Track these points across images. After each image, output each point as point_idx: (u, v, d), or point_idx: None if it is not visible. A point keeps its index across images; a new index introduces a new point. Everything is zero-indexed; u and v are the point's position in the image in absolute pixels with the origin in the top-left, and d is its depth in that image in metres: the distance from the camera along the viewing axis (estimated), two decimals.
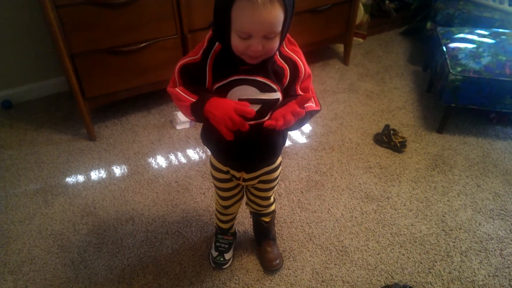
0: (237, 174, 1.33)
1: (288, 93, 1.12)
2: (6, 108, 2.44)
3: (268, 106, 1.10)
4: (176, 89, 1.09)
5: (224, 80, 1.06)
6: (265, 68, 1.06)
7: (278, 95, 1.10)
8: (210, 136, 1.23)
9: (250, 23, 0.92)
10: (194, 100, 1.03)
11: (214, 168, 1.37)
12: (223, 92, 1.07)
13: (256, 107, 1.08)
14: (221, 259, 1.60)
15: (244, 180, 1.35)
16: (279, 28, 0.95)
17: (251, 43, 0.96)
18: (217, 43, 1.05)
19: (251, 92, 1.07)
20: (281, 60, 1.09)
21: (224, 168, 1.34)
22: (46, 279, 1.59)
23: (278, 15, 0.92)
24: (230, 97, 1.07)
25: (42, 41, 2.35)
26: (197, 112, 1.02)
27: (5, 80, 2.43)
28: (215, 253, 1.62)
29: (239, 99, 1.06)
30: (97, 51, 2.00)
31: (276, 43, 0.99)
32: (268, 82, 1.07)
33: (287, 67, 1.10)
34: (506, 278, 1.59)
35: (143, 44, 2.08)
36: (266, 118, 1.12)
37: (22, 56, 2.39)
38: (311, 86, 1.15)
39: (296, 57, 1.11)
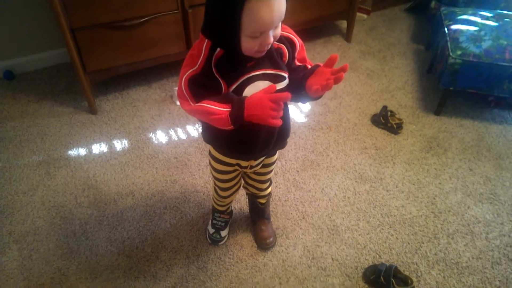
0: (245, 164, 1.34)
1: (289, 67, 1.14)
2: (8, 79, 2.46)
3: None
4: (200, 104, 1.03)
5: (236, 82, 1.05)
6: (271, 56, 1.07)
7: (287, 80, 1.12)
8: (218, 135, 1.22)
9: (268, 20, 0.92)
10: (226, 109, 1.00)
11: (219, 161, 1.35)
12: (238, 92, 1.06)
13: None
14: (218, 236, 1.67)
15: (251, 167, 1.37)
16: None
17: (264, 38, 0.96)
18: (218, 49, 1.03)
19: (265, 86, 1.07)
20: (276, 42, 1.09)
21: (234, 161, 1.33)
22: (50, 249, 1.67)
23: (284, 2, 0.94)
24: (245, 95, 1.06)
25: (44, 11, 2.34)
26: (238, 120, 1.00)
27: (7, 50, 2.44)
28: (211, 230, 1.68)
29: None
30: (98, 26, 2.00)
31: (280, 28, 1.01)
32: (278, 72, 1.09)
33: (284, 46, 1.11)
34: (489, 260, 1.66)
35: (144, 19, 2.08)
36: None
37: (24, 27, 2.39)
38: (306, 55, 1.18)
39: (287, 33, 1.12)
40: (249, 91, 1.06)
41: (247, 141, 1.21)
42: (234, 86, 1.06)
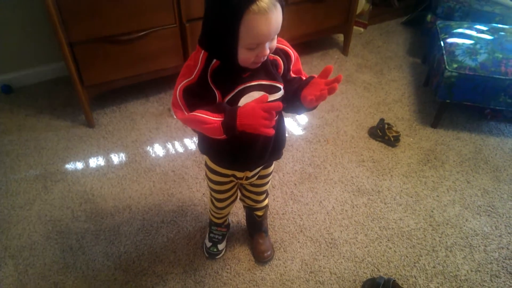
0: (241, 175, 1.34)
1: (285, 79, 1.15)
2: (6, 93, 2.47)
3: None
4: (194, 113, 1.04)
5: (231, 92, 1.06)
6: (267, 68, 1.08)
7: (282, 92, 1.13)
8: (213, 145, 1.23)
9: (265, 32, 0.93)
10: (219, 119, 1.00)
11: (214, 172, 1.36)
12: (234, 103, 1.07)
13: None
14: (215, 249, 1.66)
15: (247, 178, 1.37)
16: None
17: (260, 50, 0.98)
18: (214, 60, 1.04)
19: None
20: (271, 54, 1.10)
21: (229, 172, 1.34)
22: (46, 264, 1.65)
23: (281, 15, 0.95)
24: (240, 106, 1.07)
25: (42, 25, 2.35)
26: (230, 129, 1.00)
27: (5, 64, 2.45)
28: (208, 244, 1.67)
29: None
30: (96, 40, 2.02)
31: (276, 40, 1.02)
32: (273, 83, 1.10)
33: (279, 57, 1.13)
34: (488, 273, 1.65)
35: (142, 33, 2.10)
36: (275, 117, 1.13)
37: (22, 41, 2.41)
38: (301, 67, 1.19)
39: (283, 45, 1.14)
40: (244, 101, 1.07)
41: (242, 151, 1.22)
42: (229, 97, 1.07)
